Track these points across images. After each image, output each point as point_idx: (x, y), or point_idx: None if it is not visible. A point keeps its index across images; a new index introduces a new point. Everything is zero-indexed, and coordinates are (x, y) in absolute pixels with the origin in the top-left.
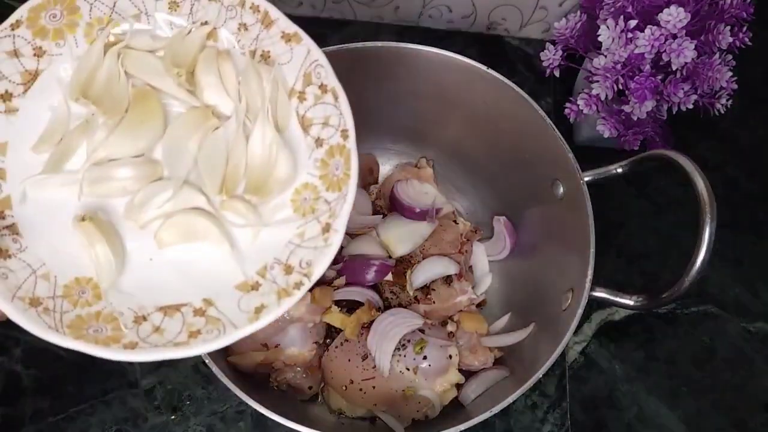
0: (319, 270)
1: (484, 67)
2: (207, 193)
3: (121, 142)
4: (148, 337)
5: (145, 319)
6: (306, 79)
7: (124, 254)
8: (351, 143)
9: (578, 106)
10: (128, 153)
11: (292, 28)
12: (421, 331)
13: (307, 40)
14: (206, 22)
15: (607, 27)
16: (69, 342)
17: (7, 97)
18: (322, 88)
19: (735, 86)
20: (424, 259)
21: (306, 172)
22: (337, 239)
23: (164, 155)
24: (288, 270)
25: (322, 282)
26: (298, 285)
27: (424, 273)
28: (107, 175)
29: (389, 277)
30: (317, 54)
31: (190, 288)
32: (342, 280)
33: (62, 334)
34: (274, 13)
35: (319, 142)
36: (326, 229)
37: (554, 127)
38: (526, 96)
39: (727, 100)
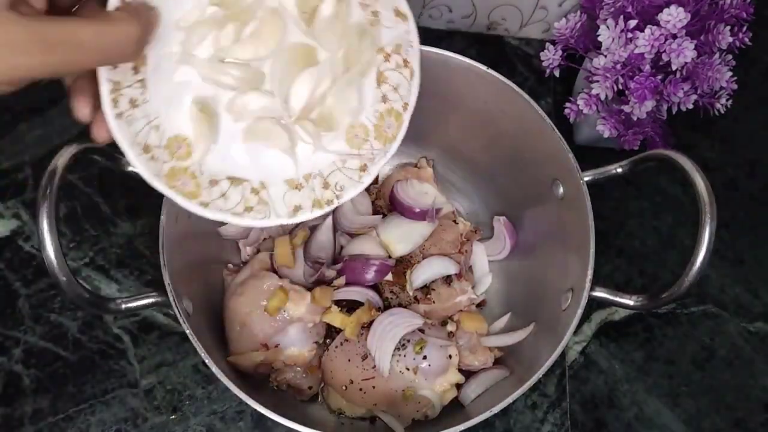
0: (347, 196)
1: (484, 67)
2: (289, 111)
3: (241, 48)
4: (216, 201)
5: (216, 183)
6: (396, 48)
7: (218, 132)
8: (407, 116)
9: (578, 106)
10: (244, 58)
11: (405, 9)
12: (421, 331)
13: (411, 24)
14: None
15: (607, 27)
16: (166, 190)
17: None
18: (405, 63)
19: (735, 86)
20: (424, 259)
21: (365, 116)
22: (368, 179)
23: (270, 74)
24: (325, 185)
25: (322, 282)
26: (329, 201)
27: (424, 273)
28: (224, 71)
29: (389, 277)
30: (414, 37)
31: (254, 170)
32: (342, 280)
33: (162, 183)
34: None
35: (384, 98)
36: (363, 168)
37: (554, 127)
38: (526, 96)
39: (727, 100)
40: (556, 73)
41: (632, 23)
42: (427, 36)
